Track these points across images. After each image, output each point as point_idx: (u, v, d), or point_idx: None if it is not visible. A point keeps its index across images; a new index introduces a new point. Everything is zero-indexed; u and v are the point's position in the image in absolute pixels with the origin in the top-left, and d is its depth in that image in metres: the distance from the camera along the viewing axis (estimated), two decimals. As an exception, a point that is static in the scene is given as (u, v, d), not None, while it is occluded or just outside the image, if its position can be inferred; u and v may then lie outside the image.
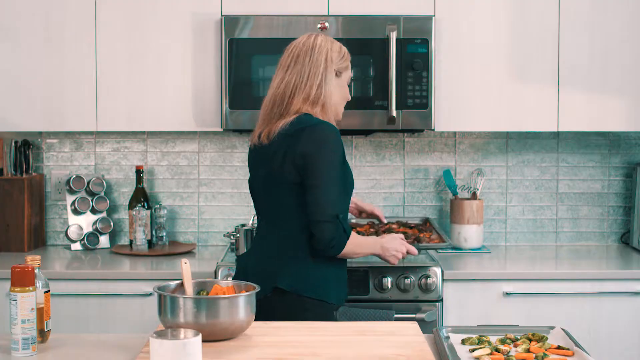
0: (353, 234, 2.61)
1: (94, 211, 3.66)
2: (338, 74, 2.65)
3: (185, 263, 2.12)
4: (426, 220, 3.46)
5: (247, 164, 3.75)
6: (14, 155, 3.59)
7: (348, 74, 2.71)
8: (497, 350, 1.97)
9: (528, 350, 1.97)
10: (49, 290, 2.07)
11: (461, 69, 3.40)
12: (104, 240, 3.66)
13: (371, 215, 3.18)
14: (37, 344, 2.02)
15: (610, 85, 3.40)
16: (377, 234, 3.16)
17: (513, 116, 3.42)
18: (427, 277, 3.10)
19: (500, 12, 3.39)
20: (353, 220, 3.36)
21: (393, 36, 3.27)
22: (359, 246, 2.63)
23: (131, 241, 3.56)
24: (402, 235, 2.83)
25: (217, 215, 3.77)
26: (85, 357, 1.97)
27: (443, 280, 3.13)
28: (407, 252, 2.77)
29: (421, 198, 3.72)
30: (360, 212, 3.19)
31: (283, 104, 2.57)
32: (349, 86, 2.75)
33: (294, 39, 3.28)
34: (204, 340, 1.87)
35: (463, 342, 2.06)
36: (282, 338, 2.06)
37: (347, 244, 2.56)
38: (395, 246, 2.73)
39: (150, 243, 3.58)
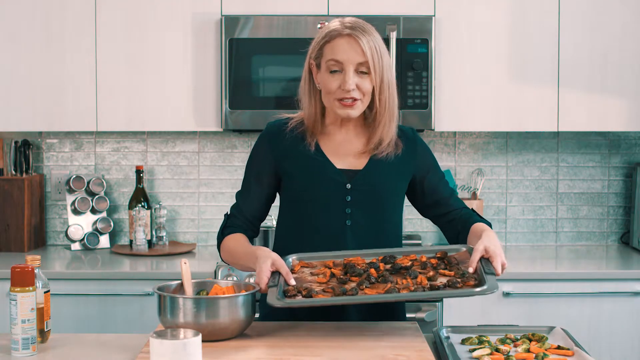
0: (237, 240, 2.28)
1: (94, 211, 3.66)
2: (317, 65, 2.23)
3: (185, 263, 2.12)
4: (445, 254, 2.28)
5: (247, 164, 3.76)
6: (14, 155, 3.59)
7: (327, 57, 2.19)
8: (497, 350, 1.96)
9: (528, 350, 1.97)
10: (49, 290, 2.06)
11: (461, 69, 3.40)
12: (104, 240, 3.66)
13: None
14: (37, 344, 2.01)
15: (610, 85, 3.40)
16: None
17: (513, 116, 3.42)
18: (427, 277, 3.09)
19: (500, 12, 3.40)
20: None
21: (393, 36, 3.27)
22: (234, 255, 2.27)
23: (131, 241, 3.56)
24: (277, 261, 2.09)
25: (217, 215, 3.76)
26: (85, 357, 1.97)
27: (443, 280, 3.13)
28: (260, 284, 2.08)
29: (421, 198, 3.73)
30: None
31: None
32: (333, 70, 2.18)
33: (294, 39, 3.31)
34: (203, 340, 1.87)
35: (463, 342, 2.06)
36: (282, 338, 2.06)
37: (221, 248, 2.31)
38: (257, 268, 2.10)
39: (150, 243, 3.58)
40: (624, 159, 3.78)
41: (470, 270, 2.05)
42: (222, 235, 2.32)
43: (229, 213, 2.35)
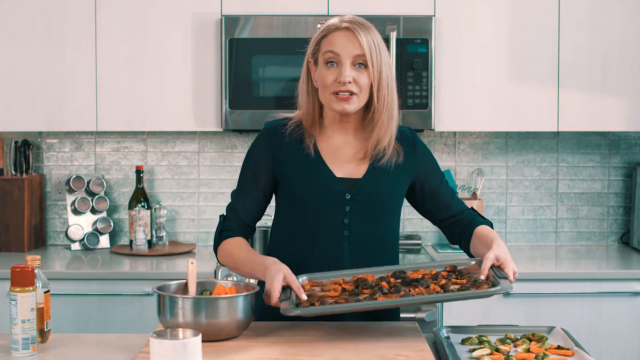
0: (238, 245, 2.25)
1: (94, 211, 3.66)
2: (315, 62, 2.20)
3: (192, 263, 2.11)
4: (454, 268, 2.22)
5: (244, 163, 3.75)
6: (14, 155, 3.59)
7: (324, 49, 2.16)
8: (497, 350, 1.96)
9: (528, 350, 1.97)
10: (49, 290, 2.06)
11: (461, 69, 3.40)
12: (104, 240, 3.66)
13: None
14: (37, 344, 2.01)
15: (610, 85, 3.40)
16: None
17: (513, 116, 3.42)
18: (427, 277, 3.09)
19: (500, 12, 3.40)
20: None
21: (393, 36, 3.27)
22: (236, 261, 2.23)
23: (131, 241, 3.56)
24: (289, 276, 2.06)
25: (217, 215, 3.76)
26: (85, 357, 1.97)
27: (443, 280, 3.13)
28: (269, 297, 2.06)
29: (421, 198, 3.73)
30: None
31: None
32: (329, 63, 2.15)
33: (294, 39, 3.31)
34: (203, 340, 1.87)
35: (463, 342, 2.06)
36: (282, 338, 2.06)
37: (219, 251, 2.28)
38: (268, 281, 2.08)
39: (150, 243, 3.58)
40: (624, 159, 3.78)
41: (482, 277, 2.03)
42: (219, 238, 2.29)
43: (224, 215, 2.32)
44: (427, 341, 2.06)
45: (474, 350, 1.97)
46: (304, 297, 2.02)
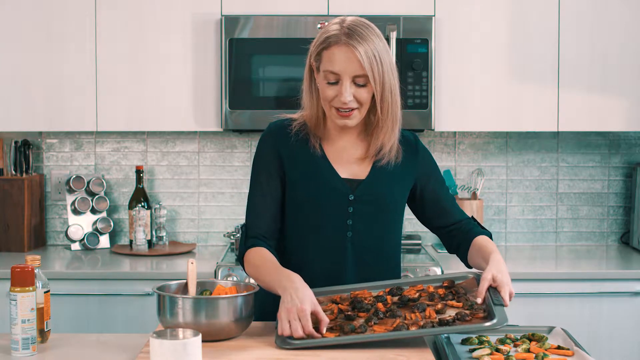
0: (264, 255, 2.16)
1: (94, 211, 3.66)
2: (317, 68, 2.16)
3: (192, 263, 2.11)
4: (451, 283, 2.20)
5: (246, 164, 3.76)
6: (14, 155, 3.59)
7: (324, 65, 2.12)
8: (497, 350, 1.96)
9: (528, 350, 1.97)
10: (49, 290, 2.07)
11: (461, 69, 3.40)
12: (104, 240, 3.66)
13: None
14: (37, 344, 2.02)
15: (610, 85, 3.40)
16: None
17: (513, 116, 3.42)
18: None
19: (500, 12, 3.40)
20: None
21: (393, 36, 3.28)
22: (260, 267, 2.14)
23: (131, 241, 3.56)
24: (312, 305, 1.97)
25: (217, 215, 3.77)
26: (85, 357, 1.97)
27: (443, 280, 3.12)
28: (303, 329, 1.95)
29: (421, 198, 3.73)
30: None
31: None
32: (331, 83, 2.11)
33: (293, 39, 3.31)
34: (203, 340, 1.87)
35: (463, 342, 2.06)
36: (282, 338, 2.06)
37: (245, 259, 2.20)
38: (290, 307, 1.97)
39: (150, 243, 3.58)
40: (624, 159, 3.78)
41: (479, 300, 2.02)
42: (245, 247, 2.22)
43: (247, 224, 2.25)
44: (427, 341, 2.06)
45: (474, 350, 1.97)
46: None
